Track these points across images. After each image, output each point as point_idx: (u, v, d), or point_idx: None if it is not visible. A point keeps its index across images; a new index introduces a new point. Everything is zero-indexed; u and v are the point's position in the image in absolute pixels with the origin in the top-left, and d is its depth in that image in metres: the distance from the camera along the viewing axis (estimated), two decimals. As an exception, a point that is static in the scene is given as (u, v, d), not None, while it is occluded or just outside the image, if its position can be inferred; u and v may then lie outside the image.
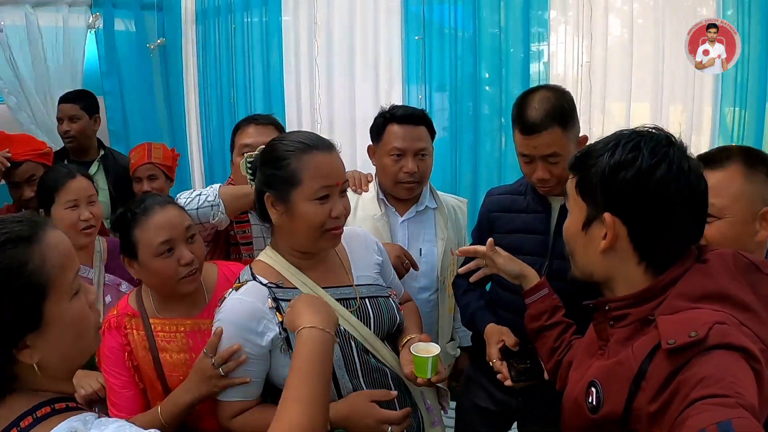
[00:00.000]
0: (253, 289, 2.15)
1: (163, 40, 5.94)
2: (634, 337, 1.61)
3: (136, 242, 2.32)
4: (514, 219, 2.78)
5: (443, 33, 4.99)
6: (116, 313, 2.47)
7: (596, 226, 1.66)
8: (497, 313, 2.82)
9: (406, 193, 3.13)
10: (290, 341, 2.07)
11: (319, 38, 5.36)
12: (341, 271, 2.35)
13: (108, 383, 2.44)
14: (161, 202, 2.39)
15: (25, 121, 5.32)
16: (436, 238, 3.22)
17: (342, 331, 2.16)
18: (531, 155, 2.55)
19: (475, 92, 4.90)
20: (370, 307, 2.30)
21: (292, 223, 2.15)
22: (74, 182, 3.02)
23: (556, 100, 2.50)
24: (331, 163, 2.15)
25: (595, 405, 1.62)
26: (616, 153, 1.59)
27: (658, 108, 4.43)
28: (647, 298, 1.61)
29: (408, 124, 3.05)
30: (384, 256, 2.54)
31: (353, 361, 2.18)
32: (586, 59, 4.52)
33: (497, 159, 4.90)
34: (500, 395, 2.89)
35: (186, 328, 2.44)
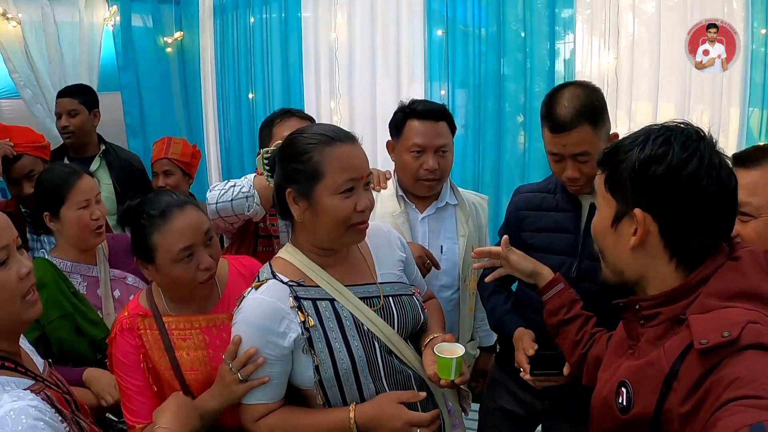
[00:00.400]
0: (274, 287, 2.08)
1: (181, 35, 5.91)
2: (665, 336, 1.57)
3: (154, 247, 2.23)
4: (543, 217, 2.71)
5: (466, 30, 4.95)
6: (127, 314, 2.39)
7: (626, 223, 1.62)
8: (524, 313, 2.77)
9: (426, 190, 3.06)
10: (312, 341, 2.02)
11: (339, 34, 5.34)
12: (365, 268, 2.27)
13: (121, 387, 2.37)
14: (179, 203, 2.29)
15: (40, 114, 5.30)
16: (457, 235, 3.16)
17: (365, 331, 2.10)
18: (560, 154, 2.47)
19: (497, 90, 4.86)
20: (394, 306, 2.21)
21: (316, 219, 2.07)
22: (83, 181, 2.90)
23: (587, 98, 2.41)
24: (355, 155, 2.07)
25: (625, 405, 1.59)
26: (646, 148, 1.56)
27: (684, 109, 4.37)
28: (678, 296, 1.57)
29: (429, 119, 2.98)
30: (407, 253, 2.46)
31: (376, 362, 2.10)
32: (614, 56, 4.45)
33: (519, 157, 4.86)
34: (526, 397, 2.84)
35: (202, 324, 2.38)
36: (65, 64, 5.41)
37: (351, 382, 2.07)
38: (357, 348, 2.07)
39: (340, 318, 2.08)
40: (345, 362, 2.05)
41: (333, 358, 2.04)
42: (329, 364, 2.04)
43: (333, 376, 2.05)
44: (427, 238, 3.12)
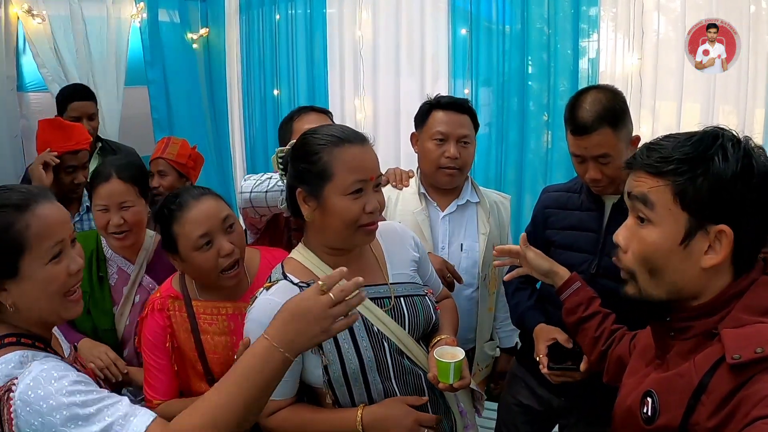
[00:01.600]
0: (284, 288, 2.09)
1: (207, 30, 5.95)
2: (696, 350, 1.52)
3: (175, 237, 2.36)
4: (569, 216, 2.77)
5: (490, 28, 4.95)
6: (159, 295, 2.53)
7: (699, 240, 1.50)
8: (547, 309, 2.82)
9: (446, 180, 3.09)
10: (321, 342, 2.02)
11: (364, 31, 5.35)
12: (376, 268, 2.29)
13: (145, 364, 2.51)
14: (196, 195, 2.41)
15: (67, 108, 5.35)
16: (477, 233, 3.18)
17: (375, 332, 2.12)
18: (582, 156, 2.54)
19: (521, 88, 4.86)
20: (405, 306, 2.23)
21: (325, 219, 2.09)
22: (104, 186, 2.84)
23: (608, 101, 2.48)
24: (364, 156, 2.08)
25: (650, 416, 1.56)
26: (729, 158, 1.45)
27: (709, 109, 4.34)
28: (712, 310, 1.52)
29: (452, 111, 3.06)
30: (422, 252, 2.46)
31: (386, 362, 2.13)
32: (638, 56, 4.43)
33: (542, 156, 4.85)
34: (543, 393, 2.91)
35: (228, 311, 2.48)
36: (93, 59, 5.46)
37: (359, 382, 2.09)
38: (366, 348, 2.09)
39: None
40: (353, 362, 2.07)
41: (341, 359, 2.06)
42: (338, 364, 2.06)
43: (341, 376, 2.07)
44: (447, 236, 3.15)
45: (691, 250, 1.51)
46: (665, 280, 1.57)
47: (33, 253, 1.66)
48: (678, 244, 1.52)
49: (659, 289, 1.59)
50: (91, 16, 5.46)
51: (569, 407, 2.85)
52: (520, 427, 3.04)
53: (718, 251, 1.48)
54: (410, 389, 2.17)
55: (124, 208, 2.82)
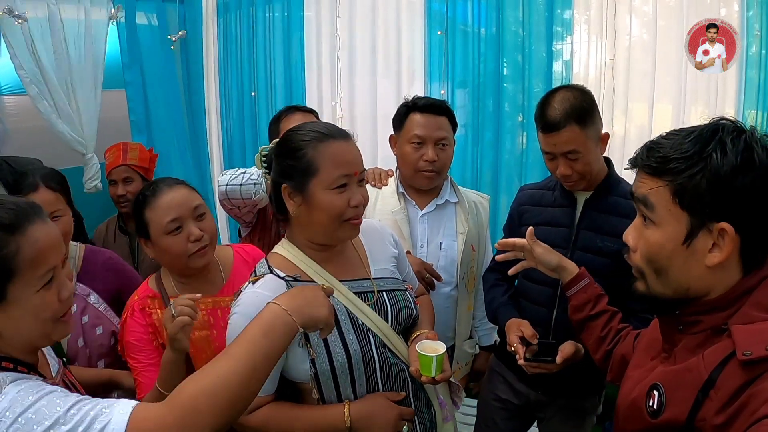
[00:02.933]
0: (271, 282, 2.13)
1: (185, 33, 5.96)
2: (704, 345, 1.53)
3: (147, 222, 2.45)
4: (542, 212, 2.85)
5: (466, 31, 4.99)
6: (137, 297, 2.56)
7: (702, 239, 1.50)
8: (521, 304, 2.92)
9: (425, 182, 3.14)
10: (307, 335, 2.07)
11: (341, 33, 5.37)
12: (359, 264, 2.35)
13: (133, 368, 2.51)
14: (170, 183, 2.52)
15: (45, 110, 5.32)
16: (456, 233, 3.23)
17: (360, 325, 2.17)
18: (552, 152, 2.64)
19: (496, 90, 4.91)
20: (388, 300, 2.29)
21: (310, 214, 2.13)
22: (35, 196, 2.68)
23: (575, 99, 2.58)
24: (348, 151, 2.14)
25: (656, 409, 1.56)
26: (728, 153, 1.43)
27: (680, 110, 4.42)
28: (722, 306, 1.52)
29: (430, 113, 3.09)
30: (400, 249, 2.53)
31: (371, 355, 2.17)
32: (610, 57, 4.51)
33: (518, 156, 4.90)
34: (521, 387, 2.98)
35: (207, 306, 2.54)
36: (71, 61, 5.44)
37: (346, 376, 2.13)
38: (352, 341, 2.13)
39: (335, 312, 2.08)
40: (340, 355, 2.11)
41: (329, 352, 2.10)
42: (325, 357, 2.10)
43: (329, 369, 2.10)
44: (426, 234, 3.19)
45: (694, 249, 1.51)
46: (671, 279, 1.58)
47: (23, 279, 1.55)
48: (681, 244, 1.52)
49: (666, 288, 1.60)
50: (68, 18, 5.44)
51: (546, 401, 2.92)
52: (500, 422, 3.09)
53: (722, 249, 1.47)
54: (394, 382, 2.22)
55: (55, 218, 2.71)
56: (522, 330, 2.61)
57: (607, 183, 2.74)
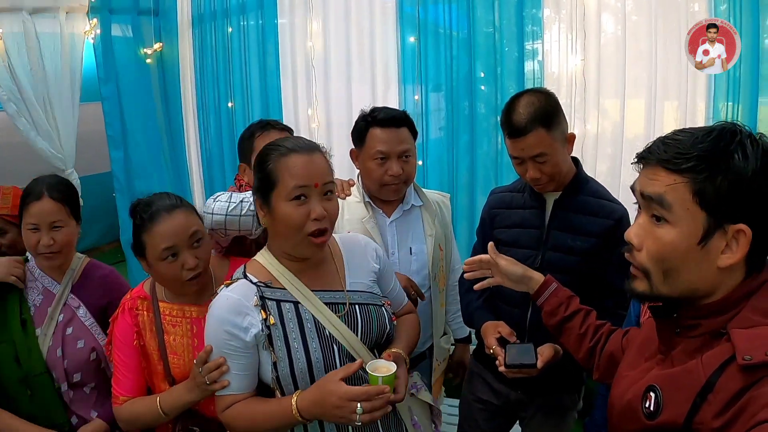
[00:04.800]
0: (242, 287, 2.22)
1: (161, 45, 5.98)
2: (702, 349, 1.51)
3: (143, 245, 2.45)
4: (513, 215, 2.88)
5: (438, 33, 5.02)
6: (130, 296, 2.64)
7: (716, 239, 1.47)
8: (498, 306, 2.94)
9: (392, 194, 3.17)
10: (271, 339, 2.17)
11: (315, 40, 5.41)
12: (334, 275, 2.38)
13: (114, 362, 2.61)
14: (168, 207, 2.47)
15: (24, 127, 5.35)
16: (425, 236, 3.26)
17: (327, 335, 2.21)
18: (520, 157, 2.66)
19: (470, 92, 4.93)
20: (360, 314, 2.31)
21: (275, 225, 2.21)
22: (35, 205, 2.77)
23: (539, 103, 2.60)
24: (306, 164, 2.16)
25: (652, 411, 1.54)
26: (749, 156, 1.41)
27: (652, 104, 4.45)
28: (720, 310, 1.50)
29: (390, 126, 3.07)
30: (383, 265, 2.54)
31: (334, 365, 2.20)
32: (581, 57, 4.55)
33: (494, 158, 4.93)
34: (501, 387, 3.00)
35: (192, 314, 2.57)
36: (47, 76, 5.46)
37: (306, 382, 2.17)
38: (315, 350, 2.18)
39: (301, 320, 2.20)
40: (301, 362, 2.16)
41: (290, 357, 2.17)
42: (286, 362, 2.17)
43: (289, 374, 2.17)
44: (396, 240, 3.21)
45: (708, 249, 1.48)
46: (680, 280, 1.54)
47: None
48: (696, 243, 1.48)
49: (672, 288, 1.56)
50: (44, 32, 5.47)
51: (527, 400, 2.96)
52: (481, 422, 3.12)
53: (735, 251, 1.46)
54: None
55: (55, 228, 2.81)
56: (499, 331, 2.65)
57: (576, 182, 2.76)
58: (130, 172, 6.00)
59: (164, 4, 5.98)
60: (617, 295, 2.69)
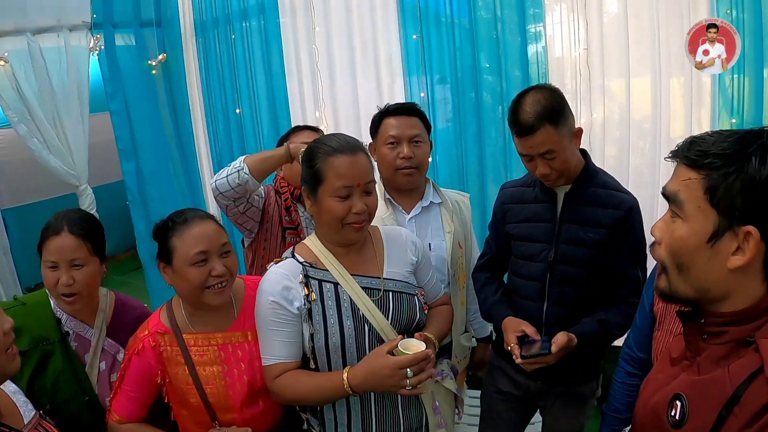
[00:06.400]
0: (290, 264, 2.47)
1: (165, 56, 6.01)
2: (729, 357, 1.48)
3: (173, 249, 2.47)
4: (524, 209, 2.91)
5: (440, 23, 5.01)
6: (147, 332, 2.56)
7: (727, 240, 1.45)
8: (513, 300, 2.99)
9: (405, 180, 3.21)
10: (311, 313, 2.39)
11: (318, 39, 5.42)
12: (373, 262, 2.57)
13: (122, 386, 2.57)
14: (201, 215, 2.56)
15: (36, 147, 5.40)
16: (443, 233, 3.30)
17: (360, 316, 2.42)
18: (530, 154, 2.69)
19: (476, 82, 4.93)
20: (393, 300, 2.49)
21: (320, 215, 2.45)
22: (54, 240, 2.61)
23: (545, 101, 2.62)
24: (350, 165, 2.36)
25: (678, 420, 1.52)
26: (766, 159, 1.39)
27: (657, 81, 4.43)
28: (749, 318, 1.47)
29: (401, 115, 3.23)
30: (422, 258, 2.71)
31: (364, 344, 2.41)
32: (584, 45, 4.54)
33: (502, 147, 4.93)
34: (520, 378, 3.04)
35: (218, 342, 2.58)
36: (55, 92, 5.50)
37: (338, 355, 2.39)
38: (348, 327, 2.39)
39: (339, 300, 2.42)
40: (336, 337, 2.38)
41: (326, 332, 2.38)
42: (322, 335, 2.38)
43: (324, 346, 2.39)
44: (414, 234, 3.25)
45: (718, 249, 1.46)
46: (692, 277, 1.54)
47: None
48: (705, 241, 1.47)
49: (687, 286, 1.56)
50: (49, 51, 5.52)
51: (546, 389, 3.00)
52: (503, 413, 3.16)
53: (745, 252, 1.42)
54: None
55: (75, 266, 2.63)
56: (523, 329, 2.71)
57: (585, 175, 2.77)
58: (143, 183, 6.06)
59: (166, 15, 6.00)
60: (629, 283, 2.74)
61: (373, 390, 2.35)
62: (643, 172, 4.53)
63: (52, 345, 2.66)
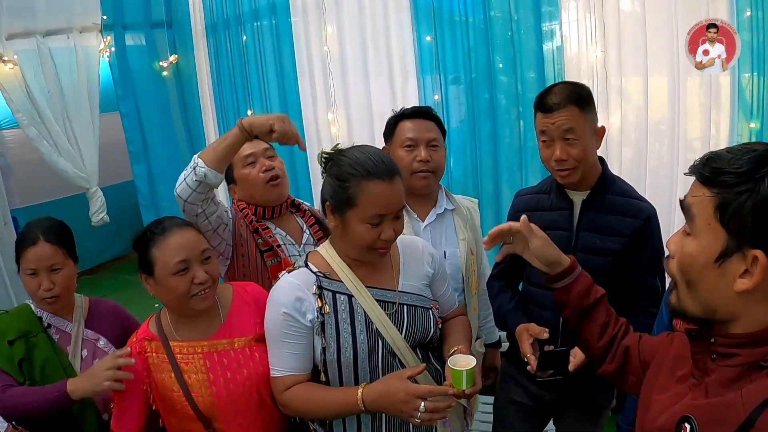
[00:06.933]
0: (303, 274, 2.38)
1: (177, 57, 5.98)
2: (740, 380, 1.44)
3: (154, 260, 2.43)
4: (540, 217, 2.81)
5: (453, 22, 4.98)
6: (135, 339, 2.59)
7: (735, 261, 1.41)
8: (529, 309, 2.93)
9: (422, 183, 3.15)
10: (324, 326, 2.32)
11: (330, 39, 5.38)
12: (389, 275, 2.49)
13: (117, 403, 2.58)
14: (180, 224, 2.52)
15: (46, 150, 5.38)
16: (457, 239, 3.24)
17: (374, 330, 2.34)
18: (550, 134, 2.67)
19: (490, 82, 4.89)
20: (407, 314, 2.42)
21: (345, 235, 2.34)
22: (32, 250, 2.82)
23: (574, 87, 2.68)
24: (389, 193, 2.25)
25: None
26: None
27: (675, 80, 4.38)
28: (761, 341, 1.43)
29: (417, 118, 3.16)
30: (438, 269, 2.63)
31: (377, 358, 2.34)
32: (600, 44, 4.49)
33: (517, 148, 4.88)
34: (535, 389, 2.99)
35: (204, 349, 2.54)
36: (64, 93, 5.49)
37: (350, 370, 2.32)
38: (362, 341, 2.32)
39: (353, 312, 2.34)
40: (348, 351, 2.31)
41: (339, 345, 2.31)
42: (334, 349, 2.31)
43: (335, 360, 2.32)
44: (430, 245, 3.19)
45: (726, 269, 1.43)
46: (700, 296, 1.50)
47: None
48: (713, 260, 1.44)
49: (695, 303, 1.53)
50: (58, 48, 5.50)
51: (561, 400, 2.94)
52: (516, 423, 3.11)
53: (752, 277, 1.38)
54: None
55: (54, 270, 2.85)
56: (530, 332, 2.60)
57: (603, 182, 2.74)
58: (153, 185, 6.04)
59: (177, 16, 5.99)
60: (648, 293, 2.71)
61: (384, 411, 2.30)
62: (659, 175, 4.48)
63: (36, 336, 2.84)
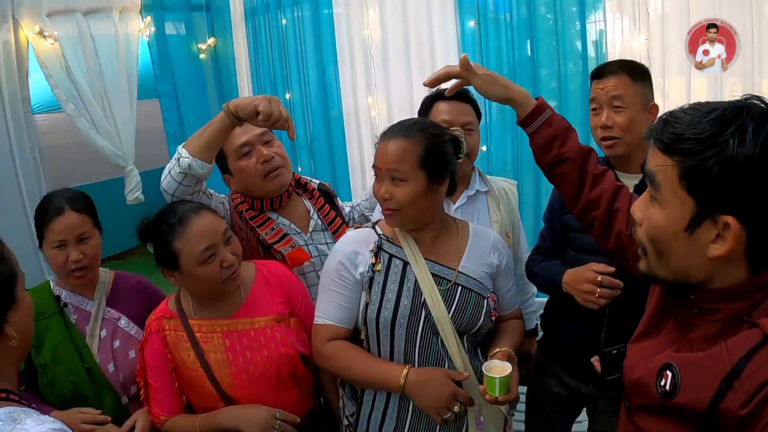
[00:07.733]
0: (366, 232, 2.51)
1: (215, 40, 6.00)
2: (723, 334, 1.43)
3: (177, 253, 2.35)
4: None
5: (497, 17, 4.96)
6: (155, 316, 2.56)
7: (706, 228, 1.39)
8: (555, 325, 3.03)
9: None
10: (372, 282, 2.39)
11: (372, 28, 5.37)
12: (452, 254, 2.50)
13: (150, 385, 2.54)
14: (194, 209, 2.43)
15: (84, 126, 5.37)
16: (490, 222, 3.18)
17: (421, 299, 2.35)
18: (598, 100, 2.69)
19: (531, 75, 4.87)
20: (460, 294, 2.41)
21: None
22: (59, 220, 2.67)
23: (631, 61, 2.74)
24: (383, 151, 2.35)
25: (668, 391, 1.48)
26: (746, 141, 1.30)
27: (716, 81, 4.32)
28: (744, 294, 1.43)
29: (454, 100, 3.05)
30: (504, 265, 2.62)
31: (416, 326, 2.36)
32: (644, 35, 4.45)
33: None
34: (571, 381, 2.97)
35: (223, 329, 2.50)
36: (104, 76, 5.49)
37: (387, 331, 2.37)
38: (405, 306, 2.35)
39: (404, 278, 2.39)
40: (388, 311, 2.35)
41: (381, 304, 2.36)
42: (376, 305, 2.36)
43: (374, 318, 2.36)
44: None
45: (697, 237, 1.41)
46: (671, 263, 1.50)
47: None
48: (683, 229, 1.42)
49: (666, 271, 1.53)
50: (99, 34, 5.50)
51: (597, 393, 2.90)
52: (551, 414, 3.10)
53: (724, 243, 1.37)
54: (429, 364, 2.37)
55: (83, 240, 2.72)
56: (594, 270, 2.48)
57: None
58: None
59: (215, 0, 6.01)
60: None
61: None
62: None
63: (49, 318, 2.72)
